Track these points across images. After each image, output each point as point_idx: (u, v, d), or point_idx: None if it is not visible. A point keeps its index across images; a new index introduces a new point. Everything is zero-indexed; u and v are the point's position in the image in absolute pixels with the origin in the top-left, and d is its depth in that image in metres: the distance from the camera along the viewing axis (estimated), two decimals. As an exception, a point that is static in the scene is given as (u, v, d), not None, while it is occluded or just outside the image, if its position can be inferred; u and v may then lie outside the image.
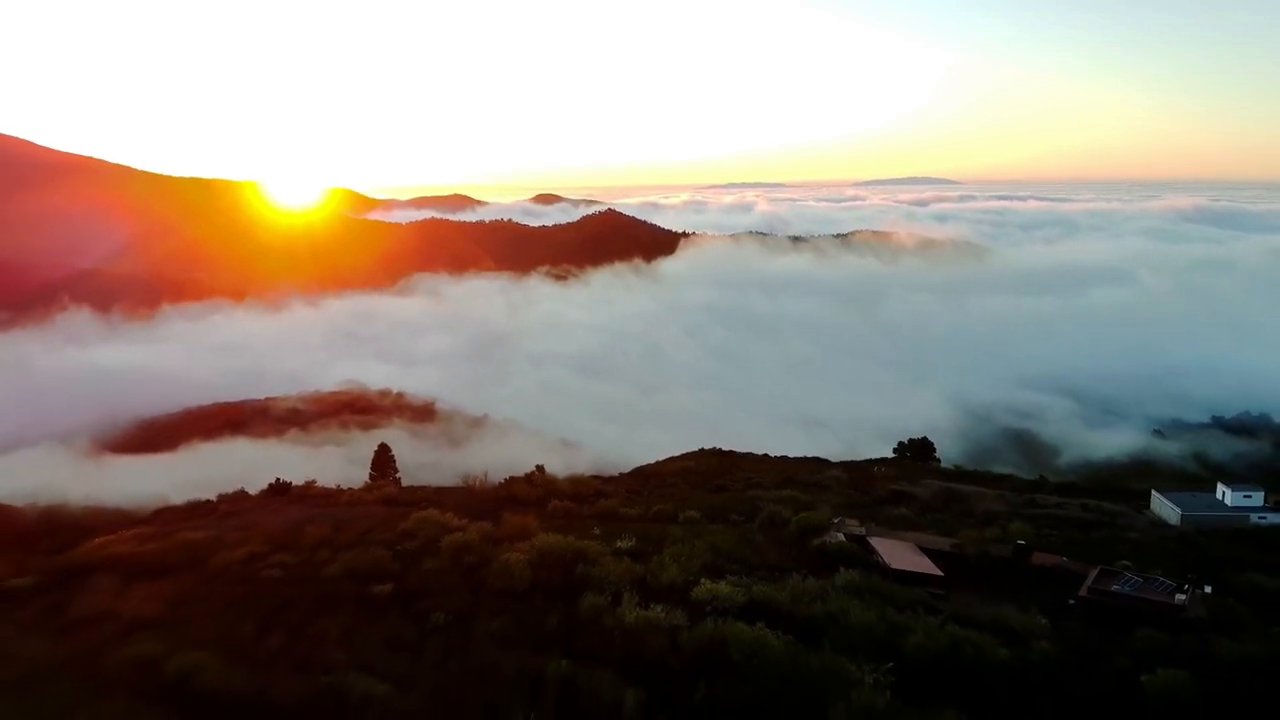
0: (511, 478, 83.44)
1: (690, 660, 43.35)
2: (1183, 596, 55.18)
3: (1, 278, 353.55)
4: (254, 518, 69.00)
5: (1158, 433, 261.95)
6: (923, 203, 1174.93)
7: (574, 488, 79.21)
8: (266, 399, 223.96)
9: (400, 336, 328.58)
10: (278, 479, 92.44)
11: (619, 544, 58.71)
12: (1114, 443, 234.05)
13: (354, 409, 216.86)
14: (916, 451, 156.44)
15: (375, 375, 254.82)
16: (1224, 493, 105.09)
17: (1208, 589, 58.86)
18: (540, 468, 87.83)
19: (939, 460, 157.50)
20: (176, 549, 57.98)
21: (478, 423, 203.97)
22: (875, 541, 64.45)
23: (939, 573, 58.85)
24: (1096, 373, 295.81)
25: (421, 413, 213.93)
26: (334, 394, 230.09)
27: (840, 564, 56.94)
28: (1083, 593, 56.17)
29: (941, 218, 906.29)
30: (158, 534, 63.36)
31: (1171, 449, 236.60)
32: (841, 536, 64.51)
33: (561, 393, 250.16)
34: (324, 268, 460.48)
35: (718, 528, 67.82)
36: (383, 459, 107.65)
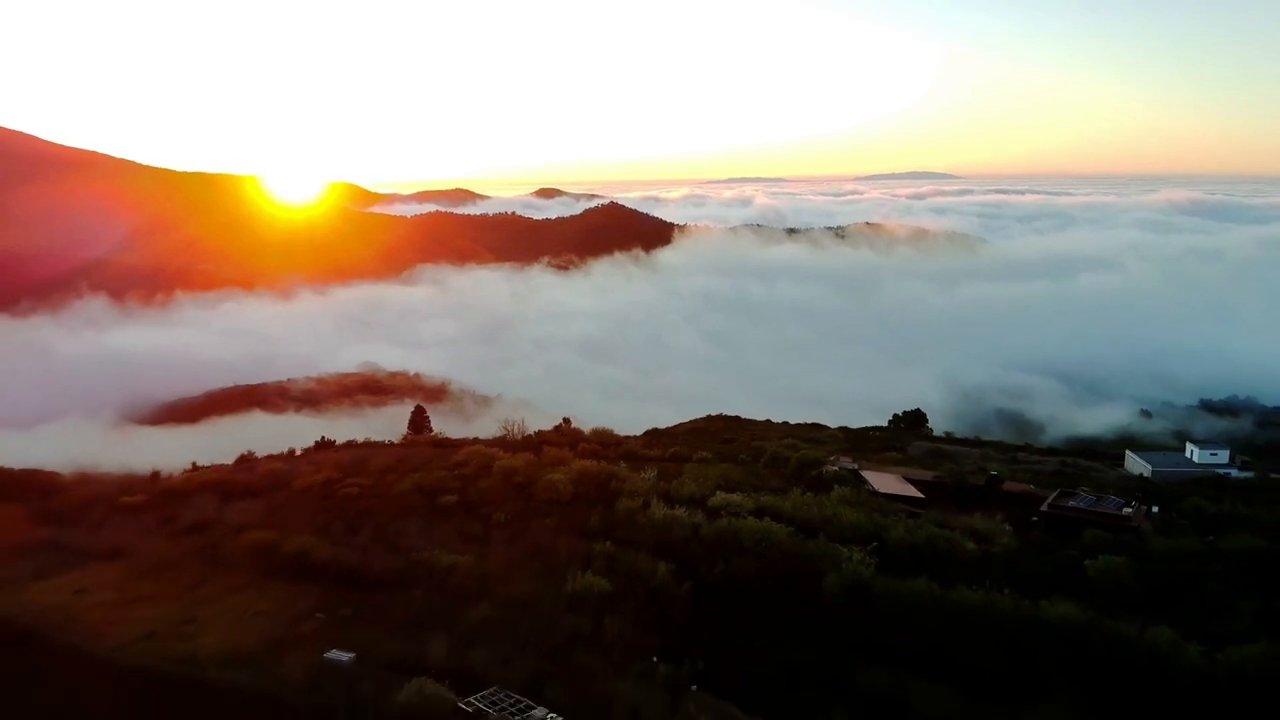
0: (540, 430, 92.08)
1: (709, 545, 52.37)
2: (1129, 510, 64.04)
3: (14, 268, 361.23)
4: (318, 457, 77.61)
5: (1145, 413, 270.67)
6: (920, 197, 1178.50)
7: (597, 436, 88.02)
8: (286, 380, 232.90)
9: (408, 323, 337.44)
10: (322, 437, 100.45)
11: (643, 474, 67.20)
12: (1100, 420, 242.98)
13: (370, 389, 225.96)
14: (909, 422, 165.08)
15: (386, 358, 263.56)
16: (1192, 451, 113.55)
17: (1155, 509, 67.60)
18: (567, 420, 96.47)
19: (931, 431, 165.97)
20: (261, 477, 66.72)
21: (489, 401, 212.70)
22: (866, 473, 73.25)
23: (920, 495, 67.73)
24: (1086, 356, 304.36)
25: (435, 393, 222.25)
26: (351, 375, 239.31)
27: (835, 486, 65.77)
28: (1044, 508, 64.96)
29: (939, 211, 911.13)
30: (239, 468, 71.97)
31: (1155, 427, 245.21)
32: (836, 469, 73.34)
33: (567, 374, 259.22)
34: (329, 259, 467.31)
35: (727, 465, 76.42)
36: (419, 419, 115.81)
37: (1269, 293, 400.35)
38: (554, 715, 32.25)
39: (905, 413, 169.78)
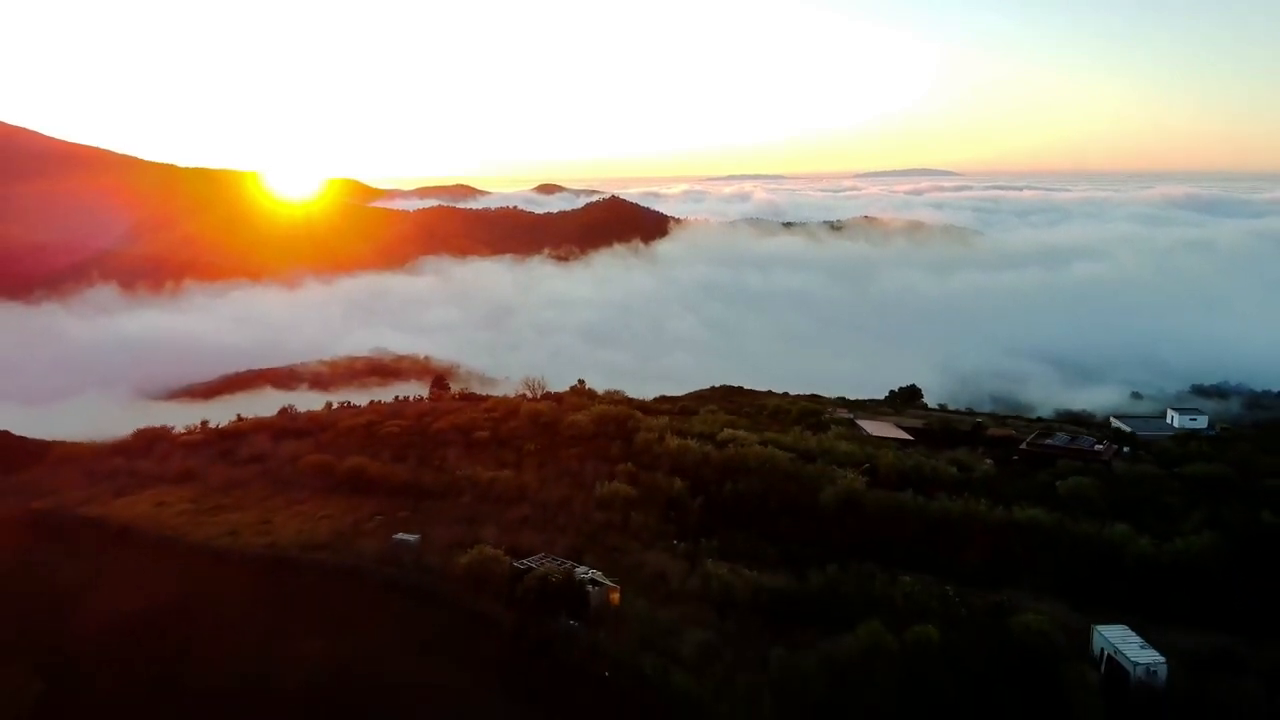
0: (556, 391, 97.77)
1: (719, 468, 58.32)
2: (1101, 447, 70.08)
3: (25, 259, 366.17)
4: (354, 409, 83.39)
5: (1135, 395, 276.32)
6: (918, 193, 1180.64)
7: (610, 395, 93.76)
8: (298, 364, 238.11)
9: (412, 310, 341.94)
10: (348, 401, 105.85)
11: (658, 418, 73.05)
12: (1091, 401, 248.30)
13: (379, 372, 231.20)
14: (905, 397, 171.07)
15: (392, 343, 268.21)
16: (1172, 417, 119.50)
17: (1126, 449, 73.60)
18: (581, 381, 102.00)
19: (926, 405, 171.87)
20: (308, 420, 72.72)
21: (496, 383, 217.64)
22: (860, 421, 79.28)
23: (909, 437, 73.73)
24: (1078, 343, 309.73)
25: (444, 374, 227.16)
26: (360, 358, 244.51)
27: (832, 427, 71.79)
28: (1023, 446, 70.97)
29: (936, 206, 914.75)
30: (285, 416, 77.81)
31: (1145, 407, 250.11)
32: (834, 417, 79.31)
33: (570, 358, 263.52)
34: (333, 252, 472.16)
35: (733, 415, 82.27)
36: (440, 383, 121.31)
37: (1260, 282, 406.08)
38: (596, 571, 38.21)
39: (901, 388, 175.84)
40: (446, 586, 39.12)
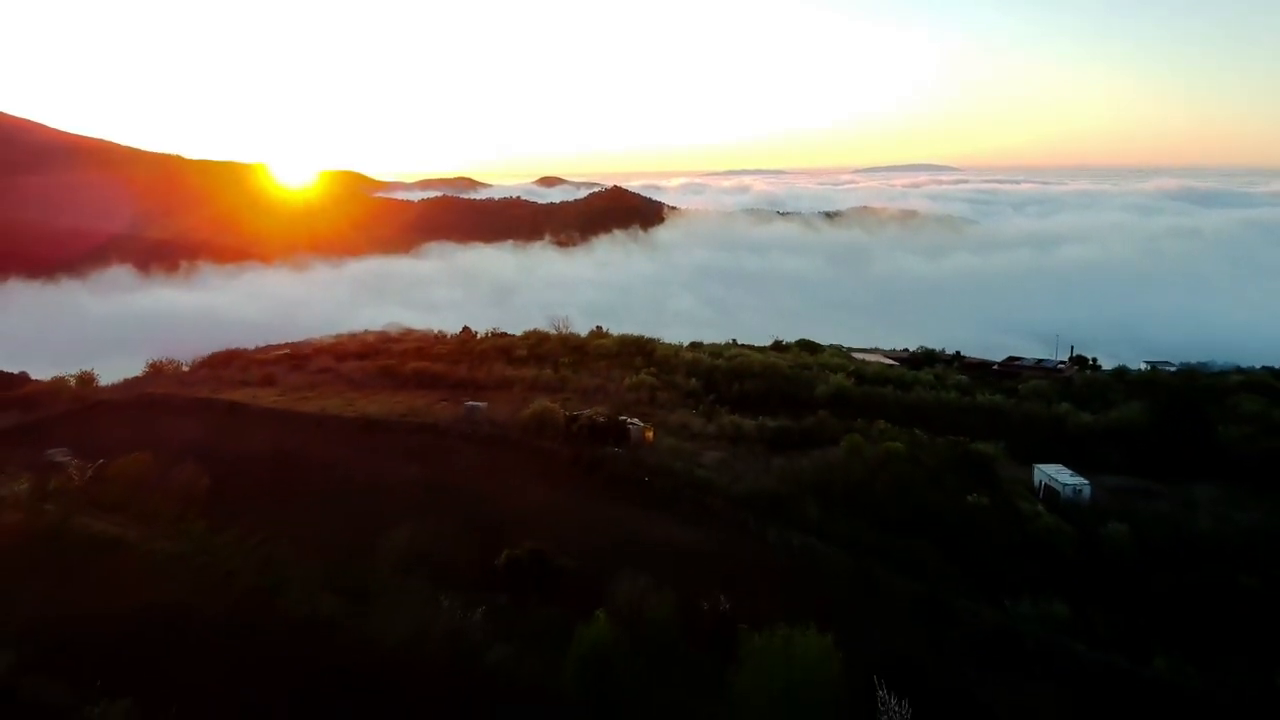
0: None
1: (728, 373, 67.75)
2: (1064, 365, 79.52)
3: (41, 244, 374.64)
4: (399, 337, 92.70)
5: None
6: (916, 186, 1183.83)
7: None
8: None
9: (419, 289, 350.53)
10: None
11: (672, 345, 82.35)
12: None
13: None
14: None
15: (402, 319, 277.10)
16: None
17: (1087, 371, 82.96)
18: (599, 326, 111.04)
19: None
20: (360, 345, 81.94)
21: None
22: (854, 353, 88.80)
23: (895, 362, 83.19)
24: (1067, 321, 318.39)
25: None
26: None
27: (826, 350, 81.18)
28: (995, 366, 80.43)
29: (932, 197, 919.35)
30: (340, 341, 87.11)
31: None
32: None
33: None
34: (338, 239, 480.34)
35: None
36: (467, 330, 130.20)
37: (1246, 266, 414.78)
38: (635, 419, 47.60)
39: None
40: (513, 434, 48.45)
